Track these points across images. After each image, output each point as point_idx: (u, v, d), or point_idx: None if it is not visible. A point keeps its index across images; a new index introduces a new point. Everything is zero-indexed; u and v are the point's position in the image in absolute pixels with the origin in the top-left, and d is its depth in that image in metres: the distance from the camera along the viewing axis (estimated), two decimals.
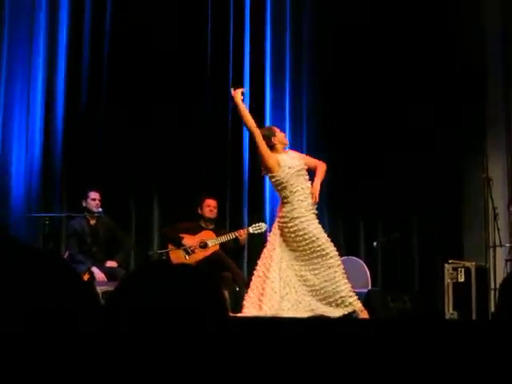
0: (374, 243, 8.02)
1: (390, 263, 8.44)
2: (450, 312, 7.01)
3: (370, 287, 7.16)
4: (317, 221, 5.70)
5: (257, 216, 7.93)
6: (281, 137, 5.87)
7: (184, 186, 8.10)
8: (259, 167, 5.92)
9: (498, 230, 7.37)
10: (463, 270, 7.06)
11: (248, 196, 8.41)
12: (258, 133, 5.73)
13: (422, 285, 8.50)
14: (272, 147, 5.77)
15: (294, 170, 5.69)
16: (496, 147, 8.60)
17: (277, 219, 5.76)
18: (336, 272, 5.57)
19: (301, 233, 5.60)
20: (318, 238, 5.59)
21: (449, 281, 7.10)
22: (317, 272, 5.55)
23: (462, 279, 7.04)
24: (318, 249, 5.57)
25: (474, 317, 6.83)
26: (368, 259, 8.06)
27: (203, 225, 7.41)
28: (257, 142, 5.73)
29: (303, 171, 5.76)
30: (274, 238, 5.72)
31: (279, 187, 5.72)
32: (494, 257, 7.40)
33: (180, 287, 1.33)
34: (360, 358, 2.71)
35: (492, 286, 7.25)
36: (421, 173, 8.57)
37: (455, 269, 7.13)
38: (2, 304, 1.21)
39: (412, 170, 8.58)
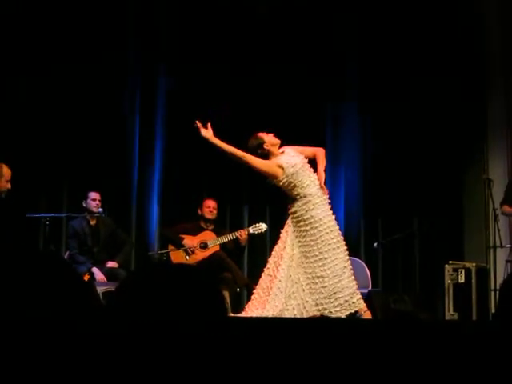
0: (375, 244, 8.01)
1: (390, 264, 8.44)
2: (450, 313, 7.01)
3: (370, 288, 7.15)
4: (330, 212, 5.64)
5: (257, 216, 7.92)
6: (270, 139, 5.71)
7: (184, 187, 8.10)
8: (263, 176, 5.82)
9: (499, 230, 7.35)
10: (463, 270, 7.06)
11: (248, 196, 8.40)
12: (249, 157, 5.59)
13: (422, 286, 8.50)
14: (267, 154, 5.68)
15: (298, 166, 5.63)
16: (496, 148, 8.59)
17: (289, 216, 5.69)
18: (345, 268, 5.55)
19: (316, 224, 5.54)
20: (331, 231, 5.57)
21: (449, 282, 7.10)
22: (326, 268, 5.50)
23: (462, 280, 7.04)
24: (330, 242, 5.54)
25: (474, 318, 6.83)
26: (369, 260, 8.06)
27: (203, 225, 7.41)
28: (253, 165, 5.60)
29: (306, 165, 5.70)
30: (285, 236, 5.68)
31: (290, 187, 5.63)
32: (495, 258, 7.39)
33: (179, 287, 1.33)
34: (362, 358, 2.70)
35: (492, 286, 7.25)
36: (421, 174, 8.56)
37: (455, 270, 7.12)
38: (4, 303, 1.21)
39: (413, 172, 8.58)
